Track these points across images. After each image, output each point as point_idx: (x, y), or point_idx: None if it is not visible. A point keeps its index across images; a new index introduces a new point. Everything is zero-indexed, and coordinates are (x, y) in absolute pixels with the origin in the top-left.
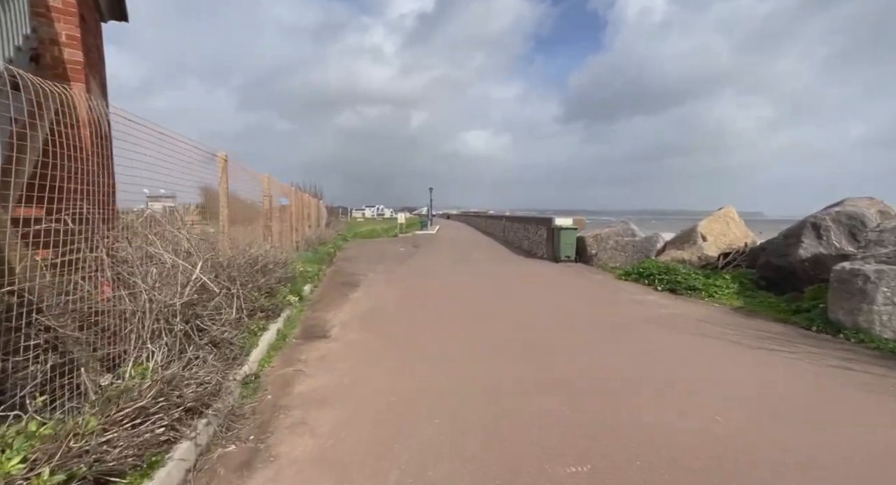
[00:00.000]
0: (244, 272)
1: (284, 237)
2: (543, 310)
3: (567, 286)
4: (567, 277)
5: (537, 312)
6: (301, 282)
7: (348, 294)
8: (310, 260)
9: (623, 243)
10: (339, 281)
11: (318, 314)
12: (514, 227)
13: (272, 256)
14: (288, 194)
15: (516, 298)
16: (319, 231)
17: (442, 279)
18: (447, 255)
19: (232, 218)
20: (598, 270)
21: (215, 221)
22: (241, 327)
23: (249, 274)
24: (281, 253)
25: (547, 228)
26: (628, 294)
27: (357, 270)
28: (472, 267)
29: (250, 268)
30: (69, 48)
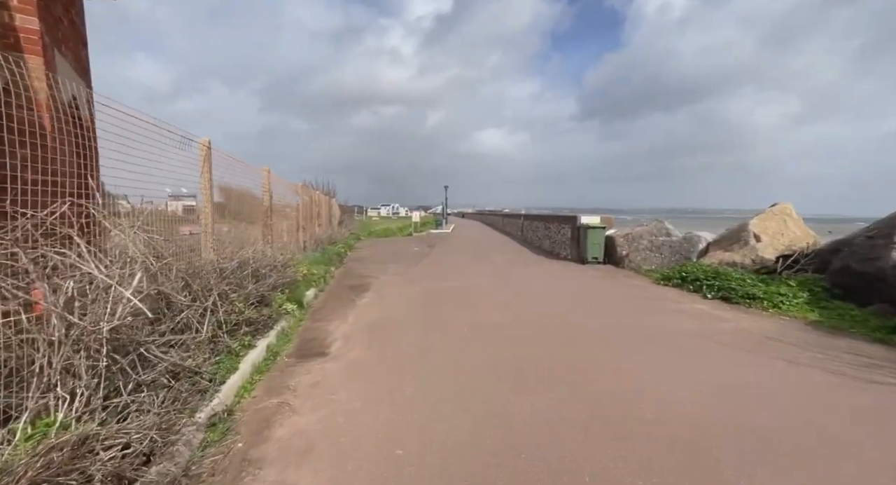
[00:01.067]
0: (228, 279)
1: (290, 236)
2: (577, 322)
3: (600, 292)
4: (598, 280)
5: (571, 325)
6: (303, 286)
7: (356, 300)
8: (317, 261)
9: (658, 244)
10: (348, 284)
11: (319, 325)
12: (534, 226)
13: (270, 258)
14: (295, 192)
15: (543, 306)
16: (331, 230)
17: (458, 283)
18: (464, 255)
19: (233, 215)
20: (632, 274)
21: (229, 221)
22: (218, 348)
23: (237, 281)
24: (282, 254)
25: (571, 227)
26: (673, 303)
27: (368, 271)
28: (490, 269)
29: (238, 273)
30: (22, 14)
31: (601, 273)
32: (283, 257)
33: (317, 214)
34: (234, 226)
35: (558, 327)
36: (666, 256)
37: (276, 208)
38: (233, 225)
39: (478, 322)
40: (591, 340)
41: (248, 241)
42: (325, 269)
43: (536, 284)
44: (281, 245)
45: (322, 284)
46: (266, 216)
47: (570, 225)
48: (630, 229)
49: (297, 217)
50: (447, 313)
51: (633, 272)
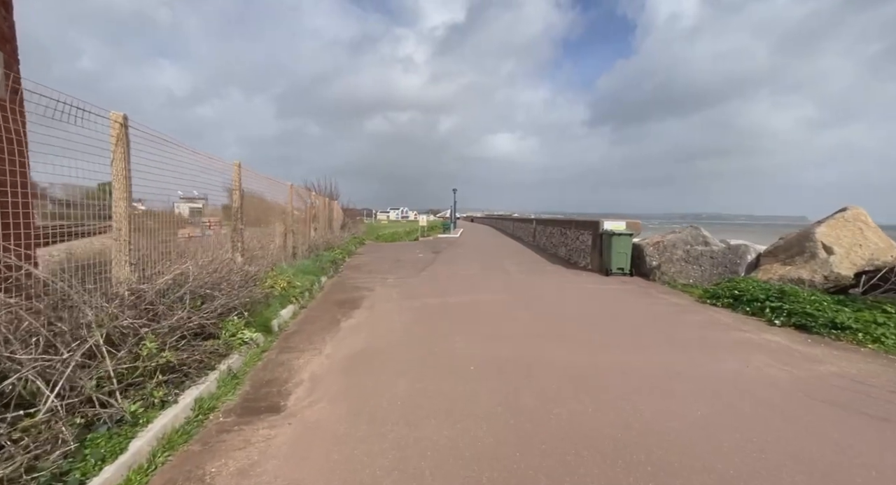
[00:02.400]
0: (150, 306)
1: (272, 242)
2: (623, 363)
3: (638, 315)
4: (630, 297)
5: (617, 371)
6: (278, 304)
7: (341, 320)
8: (305, 270)
9: (696, 254)
10: (337, 298)
11: (286, 359)
12: (548, 231)
13: (238, 271)
14: (291, 193)
15: (571, 333)
16: (330, 234)
17: (465, 298)
18: (472, 263)
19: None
20: (667, 289)
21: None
22: (102, 416)
23: (164, 308)
24: (257, 264)
25: (592, 234)
26: (736, 331)
27: (363, 282)
28: (502, 280)
29: (171, 295)
30: None
31: (631, 288)
32: (253, 269)
33: (312, 216)
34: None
35: (601, 373)
36: (706, 269)
37: (256, 210)
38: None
39: (490, 357)
40: (651, 399)
41: (200, 250)
42: (312, 280)
43: (557, 301)
44: (258, 253)
45: (305, 299)
46: (235, 220)
47: (591, 231)
48: (660, 237)
49: (287, 221)
50: (450, 343)
51: (668, 287)
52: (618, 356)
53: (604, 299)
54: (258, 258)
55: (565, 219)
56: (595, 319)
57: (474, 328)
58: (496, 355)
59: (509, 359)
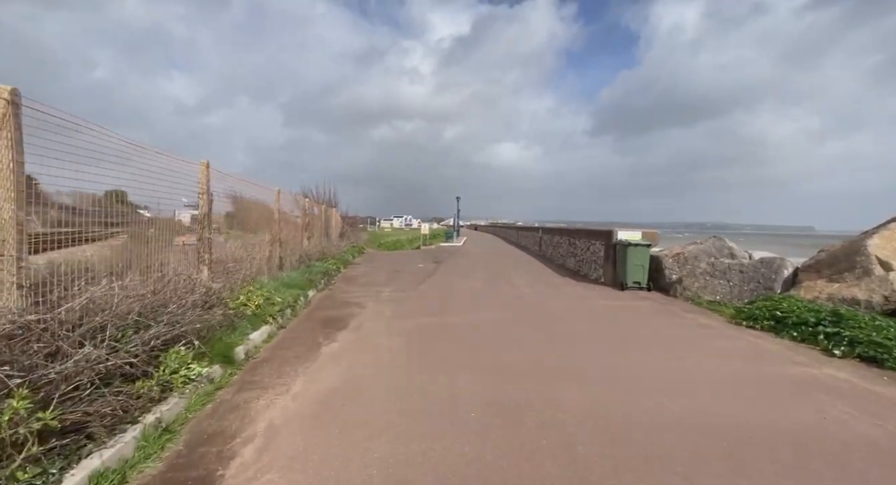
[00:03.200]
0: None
1: (257, 253)
2: (656, 406)
3: (662, 337)
4: (651, 316)
5: (648, 414)
6: (245, 327)
7: (322, 344)
8: (290, 283)
9: (722, 268)
10: (323, 316)
11: (244, 399)
12: (555, 240)
13: (179, 291)
14: (272, 199)
15: (589, 364)
16: (326, 243)
17: (466, 316)
18: (475, 274)
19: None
20: (692, 307)
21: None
22: None
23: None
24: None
25: (605, 244)
26: (788, 364)
27: (356, 295)
28: (507, 295)
29: (71, 331)
30: None
31: (651, 305)
32: (217, 285)
33: (306, 225)
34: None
35: (641, 430)
36: (735, 285)
37: (237, 216)
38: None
39: (494, 400)
40: (722, 482)
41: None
42: (297, 294)
43: (570, 321)
44: (232, 266)
45: (285, 318)
46: (202, 228)
47: (603, 241)
48: (681, 248)
49: (274, 229)
50: (445, 378)
51: (693, 304)
52: (656, 402)
53: (623, 319)
54: (233, 272)
55: (574, 228)
56: (617, 346)
57: (475, 358)
58: (503, 397)
59: (520, 404)
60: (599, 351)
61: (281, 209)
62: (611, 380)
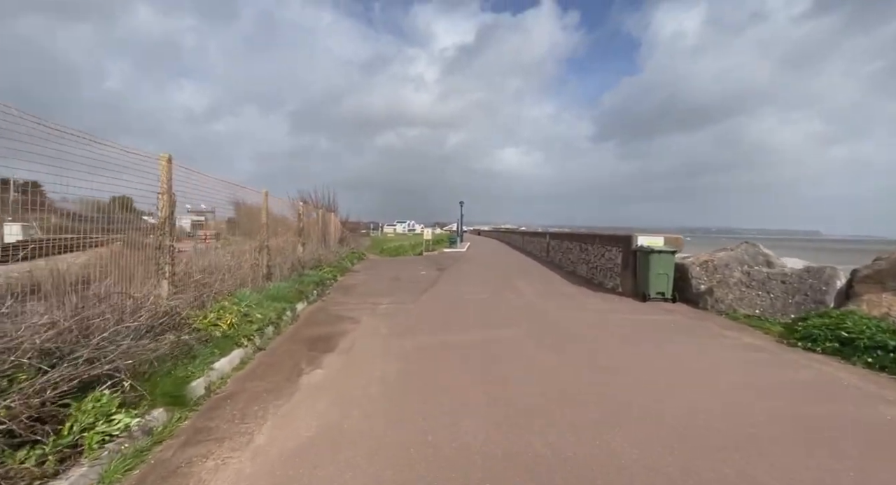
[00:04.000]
0: None
1: (237, 261)
2: (734, 471)
3: (707, 363)
4: (686, 336)
5: (720, 476)
6: (208, 354)
7: (304, 373)
8: (275, 296)
9: (760, 278)
10: (309, 335)
11: (188, 458)
12: (564, 246)
13: (116, 312)
14: (258, 202)
15: (626, 401)
16: (324, 250)
17: (472, 334)
18: (481, 283)
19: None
20: (729, 322)
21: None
22: None
23: None
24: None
25: (623, 251)
26: (878, 403)
27: (350, 308)
28: (517, 307)
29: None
30: None
31: (681, 321)
32: (175, 302)
33: (300, 230)
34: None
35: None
36: (778, 297)
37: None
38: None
39: (519, 456)
40: None
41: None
42: (282, 308)
43: (593, 341)
44: (201, 277)
45: (264, 338)
46: (160, 234)
47: (621, 247)
48: (708, 256)
49: (262, 235)
50: (453, 420)
51: (728, 319)
52: (739, 470)
53: (654, 339)
54: (206, 285)
55: (586, 233)
56: (656, 376)
57: (486, 392)
58: (525, 452)
59: (551, 466)
60: (636, 384)
61: (270, 214)
62: (660, 428)
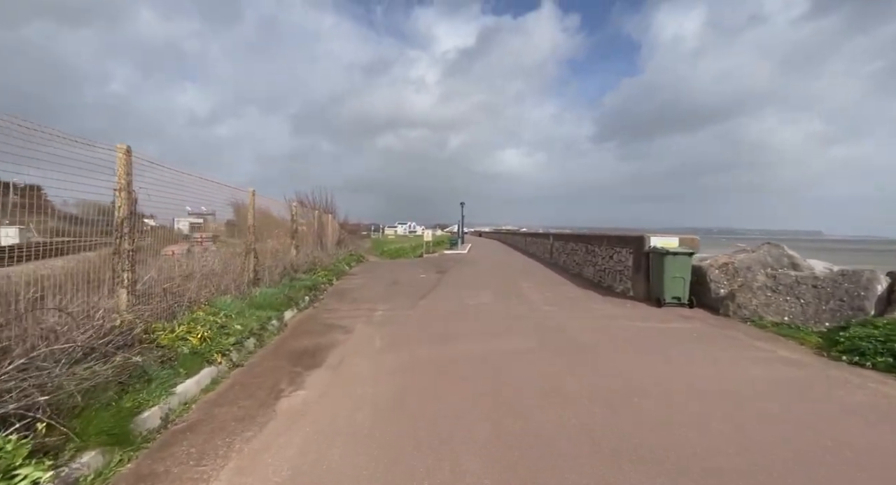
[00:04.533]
0: None
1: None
2: None
3: (743, 383)
4: (712, 347)
5: None
6: (166, 378)
7: (283, 395)
8: (261, 303)
9: (789, 282)
10: (295, 348)
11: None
12: (569, 248)
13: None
14: (245, 203)
15: (659, 432)
16: (320, 252)
17: (474, 346)
18: (482, 287)
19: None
20: (756, 331)
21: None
22: None
23: None
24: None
25: (634, 252)
26: None
27: (343, 316)
28: (523, 315)
29: None
30: None
31: (704, 328)
32: (131, 316)
33: (293, 232)
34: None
35: None
36: (809, 303)
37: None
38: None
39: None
40: None
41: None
42: (267, 317)
43: (611, 354)
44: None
45: (243, 353)
46: (119, 237)
47: (632, 249)
48: (728, 257)
49: (249, 236)
50: (454, 459)
51: (755, 327)
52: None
53: (678, 351)
54: (176, 293)
55: (592, 234)
56: (687, 399)
57: (494, 424)
58: None
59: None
60: (663, 409)
61: (263, 215)
62: (696, 467)
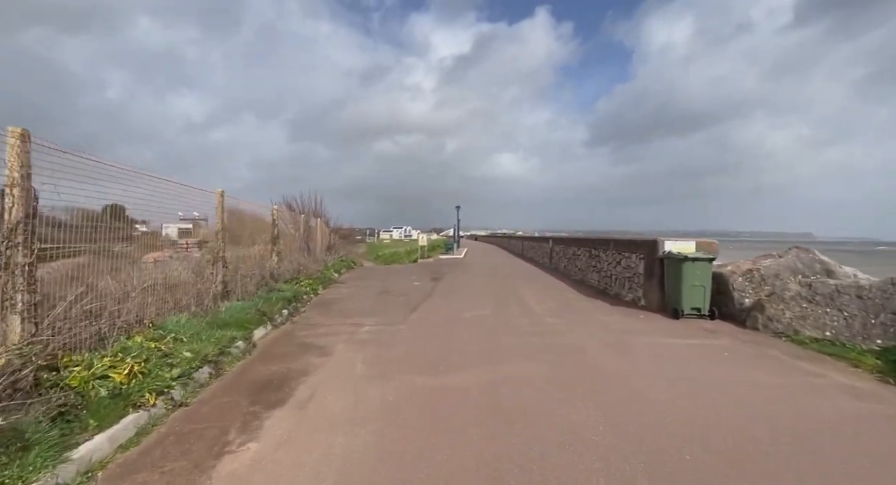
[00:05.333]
0: None
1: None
2: None
3: (819, 438)
4: (754, 371)
5: None
6: (50, 442)
7: (227, 449)
8: (225, 322)
9: (827, 291)
10: (258, 377)
11: None
12: (570, 252)
13: None
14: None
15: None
16: (306, 259)
17: (476, 373)
18: (481, 296)
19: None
20: (797, 350)
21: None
22: None
23: None
24: (93, 328)
25: (645, 258)
26: None
27: (323, 333)
28: (528, 329)
29: None
30: None
31: (735, 345)
32: (26, 350)
33: (274, 238)
34: None
35: None
36: (855, 317)
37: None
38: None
39: None
40: None
41: None
42: (229, 339)
43: (633, 382)
44: (94, 306)
45: (191, 387)
46: (8, 247)
47: (643, 254)
48: (751, 263)
49: (217, 244)
50: None
51: (792, 344)
52: None
53: (718, 378)
54: (100, 315)
55: (597, 238)
56: (753, 452)
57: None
58: None
59: None
60: (734, 472)
61: (234, 220)
62: None
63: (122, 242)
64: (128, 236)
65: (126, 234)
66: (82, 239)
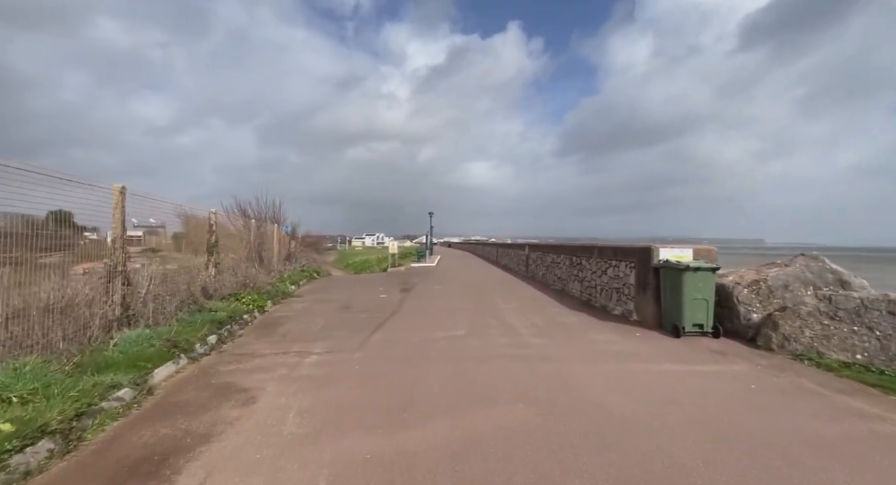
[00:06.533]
0: None
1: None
2: None
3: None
4: (789, 414)
5: None
6: None
7: None
8: (110, 362)
9: (851, 306)
10: (134, 448)
11: None
12: (548, 260)
13: None
14: (107, 206)
15: None
16: (257, 270)
17: (449, 423)
18: (454, 311)
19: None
20: (828, 378)
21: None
22: None
23: None
24: None
25: (636, 267)
26: None
27: (254, 367)
28: (509, 355)
29: None
30: None
31: (750, 372)
32: None
33: (210, 247)
34: None
35: None
36: (891, 337)
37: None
38: None
39: None
40: None
41: None
42: (109, 386)
43: (655, 434)
44: None
45: (16, 477)
46: None
47: (634, 262)
48: (756, 273)
49: (117, 255)
50: None
51: (820, 370)
52: None
53: (750, 426)
54: None
55: (580, 245)
56: None
57: None
58: None
59: None
60: None
61: (127, 224)
62: None
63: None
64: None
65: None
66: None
